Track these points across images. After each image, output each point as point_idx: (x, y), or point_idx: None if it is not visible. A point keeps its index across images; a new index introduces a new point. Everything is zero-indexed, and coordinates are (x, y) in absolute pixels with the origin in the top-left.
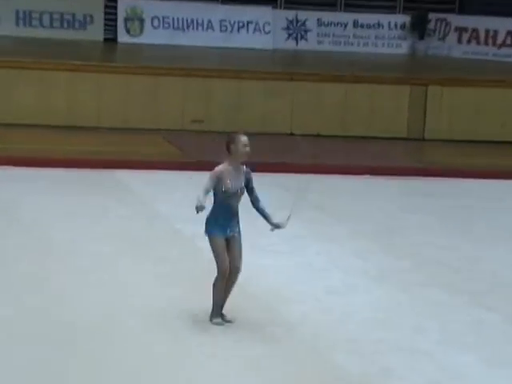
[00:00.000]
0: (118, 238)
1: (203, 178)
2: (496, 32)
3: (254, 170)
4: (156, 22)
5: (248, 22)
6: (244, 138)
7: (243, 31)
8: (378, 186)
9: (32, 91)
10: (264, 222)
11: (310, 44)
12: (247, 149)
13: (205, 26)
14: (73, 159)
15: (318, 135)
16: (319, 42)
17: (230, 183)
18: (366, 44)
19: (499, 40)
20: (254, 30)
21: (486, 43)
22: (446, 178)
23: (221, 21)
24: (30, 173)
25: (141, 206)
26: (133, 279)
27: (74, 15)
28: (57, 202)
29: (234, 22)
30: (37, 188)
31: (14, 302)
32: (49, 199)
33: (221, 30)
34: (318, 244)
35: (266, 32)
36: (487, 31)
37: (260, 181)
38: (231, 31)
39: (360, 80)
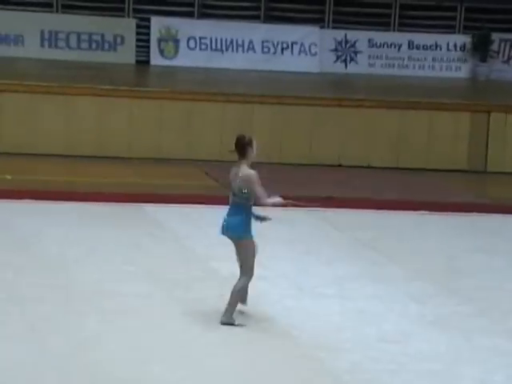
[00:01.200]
0: (149, 278)
1: None
2: None
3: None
4: (192, 43)
5: (293, 43)
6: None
7: (287, 53)
8: (436, 223)
9: (58, 118)
10: (307, 261)
11: (360, 67)
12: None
13: (245, 47)
14: (102, 192)
15: (369, 167)
16: (370, 65)
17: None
18: (421, 67)
19: None
20: (300, 51)
21: None
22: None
23: (263, 41)
24: (55, 206)
25: (174, 243)
26: (165, 324)
27: (103, 36)
28: (84, 237)
29: (278, 43)
30: (63, 222)
31: (37, 346)
32: (75, 234)
33: (263, 52)
34: (370, 286)
35: (312, 54)
36: None
37: (305, 217)
38: (274, 53)
39: (416, 106)
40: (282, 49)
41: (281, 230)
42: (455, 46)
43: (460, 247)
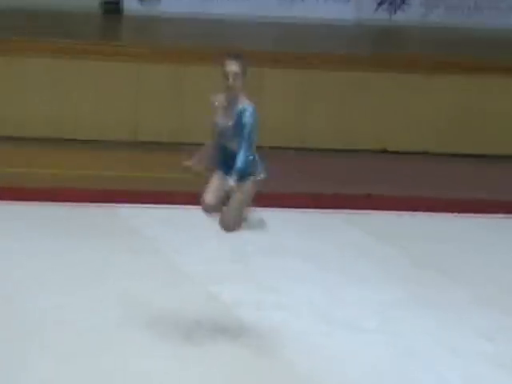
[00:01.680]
0: (125, 305)
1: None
2: None
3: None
4: None
5: None
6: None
7: None
8: None
9: None
10: (337, 282)
11: (410, 14)
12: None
13: None
14: (60, 189)
15: (426, 153)
16: (425, 13)
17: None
18: (495, 16)
19: None
20: None
21: None
22: None
23: None
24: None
25: (157, 258)
26: (148, 366)
27: None
28: (39, 251)
29: None
30: (6, 232)
31: None
32: (24, 247)
33: None
34: (421, 316)
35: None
36: None
37: (329, 221)
38: None
39: (488, 69)
40: None
41: (297, 240)
42: None
43: None
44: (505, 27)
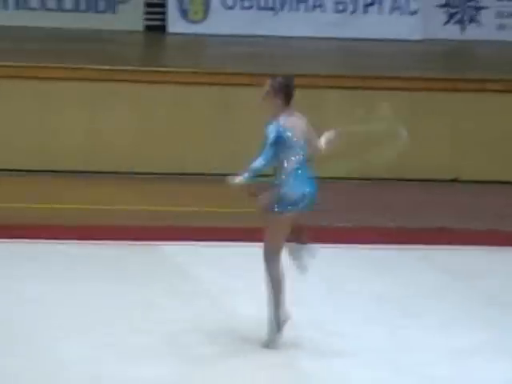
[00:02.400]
0: (171, 356)
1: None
2: None
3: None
4: (230, 0)
5: None
6: None
7: (373, 11)
8: None
9: (28, 109)
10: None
11: (484, 30)
12: None
13: (310, 5)
14: (93, 226)
15: (499, 182)
16: (500, 27)
17: None
18: None
19: None
20: (392, 8)
21: None
22: None
23: None
24: (25, 247)
25: (207, 300)
26: None
27: None
28: (68, 294)
29: None
30: (36, 272)
31: None
32: (54, 291)
33: (336, 11)
34: (501, 365)
35: (411, 12)
36: None
37: (397, 257)
38: (353, 12)
39: None
40: (365, 6)
41: (363, 279)
42: None
43: None
44: None
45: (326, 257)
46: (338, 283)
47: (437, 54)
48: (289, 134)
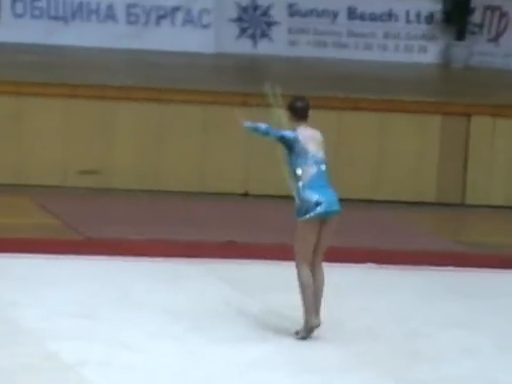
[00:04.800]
0: None
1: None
2: None
3: None
4: (20, 8)
5: (174, 9)
6: None
7: (165, 23)
8: (388, 281)
9: None
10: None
11: (276, 45)
12: None
13: (101, 15)
14: None
15: (247, 194)
16: (291, 43)
17: None
18: (368, 46)
19: None
20: (184, 21)
21: None
22: (502, 270)
23: (128, 6)
24: None
25: None
26: None
27: None
28: None
29: (151, 10)
30: None
31: None
32: None
33: (128, 22)
34: (292, 372)
35: (203, 25)
36: None
37: (189, 270)
38: (145, 23)
39: (357, 106)
40: (158, 18)
41: (152, 291)
42: (418, 16)
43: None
44: (378, 60)
45: (116, 268)
46: (125, 295)
47: (229, 67)
48: (300, 139)
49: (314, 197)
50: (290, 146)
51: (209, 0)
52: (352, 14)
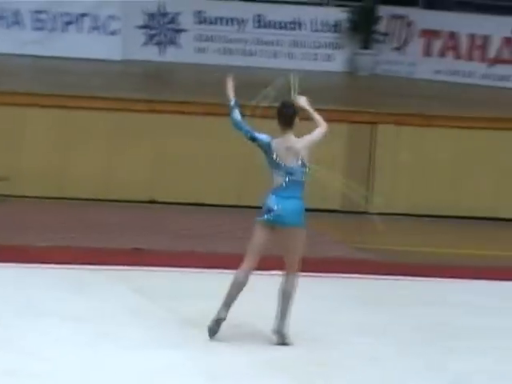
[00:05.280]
0: None
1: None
2: (488, 38)
3: None
4: None
5: (81, 16)
6: None
7: (72, 30)
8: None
9: None
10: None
11: (183, 52)
12: None
13: (8, 22)
14: None
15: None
16: (199, 50)
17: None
18: (275, 54)
19: (492, 51)
20: (91, 28)
21: (471, 57)
22: (407, 278)
23: (35, 12)
24: None
25: None
26: None
27: None
28: None
29: (58, 16)
30: None
31: None
32: None
33: (34, 28)
34: (198, 380)
35: (110, 32)
36: (472, 37)
37: (97, 277)
38: (52, 29)
39: (264, 114)
40: (64, 24)
41: (59, 299)
42: (324, 24)
43: (336, 326)
44: (285, 68)
45: (22, 276)
46: (30, 303)
47: (136, 74)
48: (274, 149)
49: (269, 203)
50: (263, 149)
51: (116, 7)
52: (259, 22)
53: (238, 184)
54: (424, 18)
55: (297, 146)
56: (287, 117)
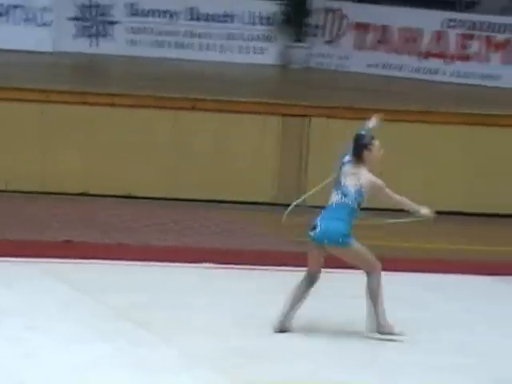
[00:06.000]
0: None
1: None
2: (419, 32)
3: None
4: None
5: (13, 7)
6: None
7: (2, 21)
8: (228, 280)
9: None
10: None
11: (115, 44)
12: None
13: None
14: None
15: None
16: (131, 42)
17: None
18: (208, 47)
19: (423, 45)
20: (22, 19)
21: (403, 50)
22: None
23: None
24: None
25: None
26: None
27: None
28: None
29: None
30: None
31: None
32: None
33: None
34: (125, 374)
35: (42, 23)
36: (404, 31)
37: (24, 270)
38: None
39: (195, 106)
40: None
41: None
42: (257, 17)
43: (269, 319)
44: (216, 61)
45: None
46: None
47: (67, 66)
48: (342, 168)
49: (316, 220)
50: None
51: None
52: (192, 14)
53: (169, 176)
54: (357, 11)
55: (362, 177)
56: (354, 148)
